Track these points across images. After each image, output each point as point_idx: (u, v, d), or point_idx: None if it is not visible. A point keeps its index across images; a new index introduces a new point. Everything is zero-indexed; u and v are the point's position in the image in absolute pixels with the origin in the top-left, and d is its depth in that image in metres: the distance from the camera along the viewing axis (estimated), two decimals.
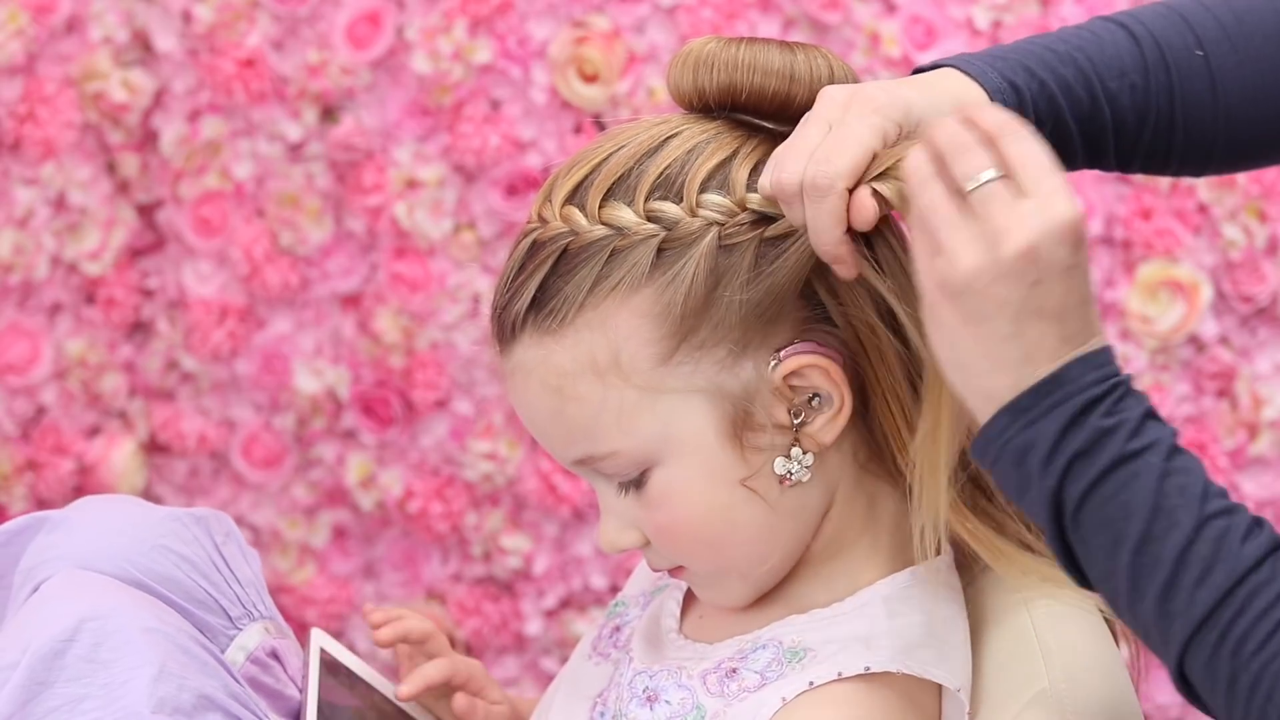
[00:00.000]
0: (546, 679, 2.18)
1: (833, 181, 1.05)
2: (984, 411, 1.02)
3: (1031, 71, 1.15)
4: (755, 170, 1.11)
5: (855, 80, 1.13)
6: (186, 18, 2.10)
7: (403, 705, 1.32)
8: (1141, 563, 0.98)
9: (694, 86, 1.13)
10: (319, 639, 1.28)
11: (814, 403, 1.11)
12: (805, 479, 1.12)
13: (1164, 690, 2.05)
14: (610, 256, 1.09)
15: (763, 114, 1.13)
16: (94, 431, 2.20)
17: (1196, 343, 2.07)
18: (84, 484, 2.18)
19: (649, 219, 1.10)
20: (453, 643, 1.38)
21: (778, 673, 1.12)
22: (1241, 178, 2.02)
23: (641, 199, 1.10)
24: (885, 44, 2.03)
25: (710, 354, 1.09)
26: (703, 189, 1.10)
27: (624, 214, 1.10)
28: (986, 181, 1.01)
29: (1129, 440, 0.99)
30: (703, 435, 1.10)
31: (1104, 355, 1.01)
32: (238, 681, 1.18)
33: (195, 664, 1.15)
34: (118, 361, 2.19)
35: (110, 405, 2.19)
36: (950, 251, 1.02)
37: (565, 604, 2.19)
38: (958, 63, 1.14)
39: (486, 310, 1.14)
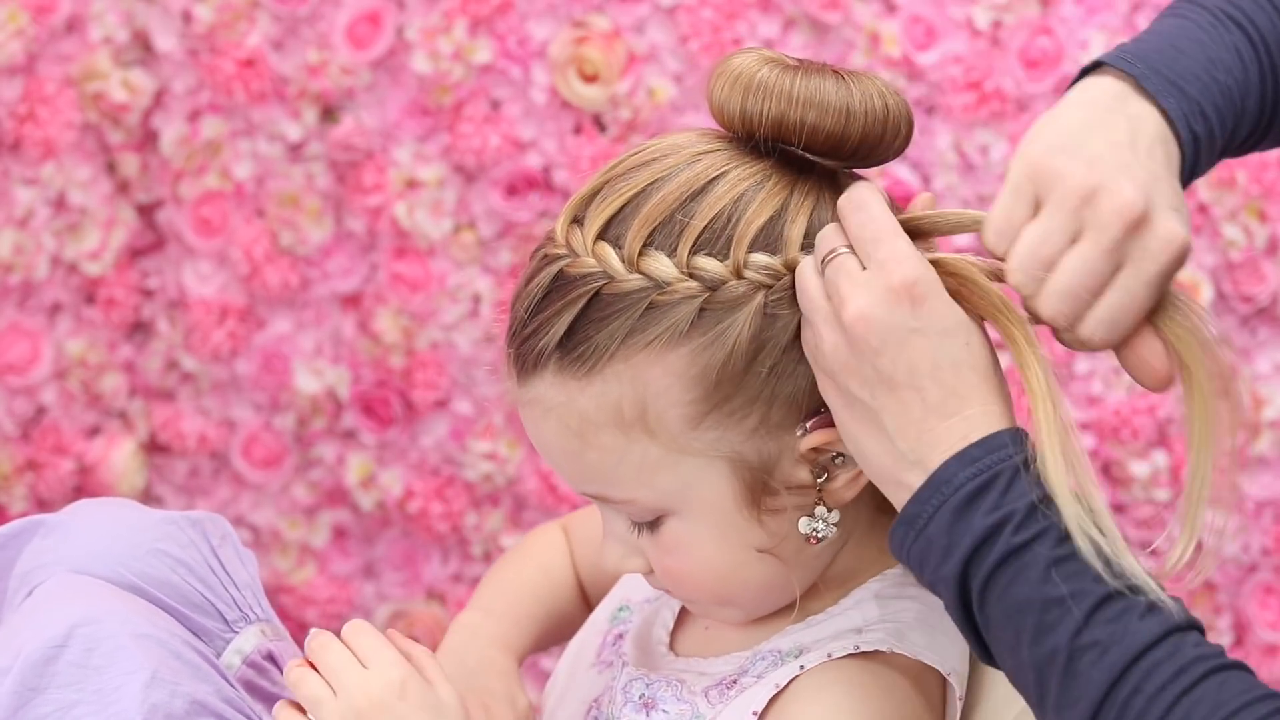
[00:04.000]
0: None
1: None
2: (897, 503, 1.01)
3: (1206, 117, 1.07)
4: (809, 227, 1.06)
5: (906, 111, 1.08)
6: (186, 18, 2.10)
7: None
8: (1040, 655, 0.95)
9: (741, 112, 1.07)
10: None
11: (838, 461, 1.08)
12: (833, 535, 1.10)
13: None
14: (648, 309, 1.04)
15: (814, 151, 1.07)
16: (94, 431, 2.20)
17: None
18: (84, 484, 2.18)
19: (691, 275, 1.05)
20: None
21: (773, 670, 1.11)
22: (1242, 178, 2.02)
23: (685, 251, 1.05)
24: (885, 44, 2.03)
25: (741, 423, 1.06)
26: (751, 247, 1.05)
27: (664, 267, 1.05)
28: (833, 256, 1.01)
29: (1015, 534, 0.96)
30: (722, 500, 1.08)
31: (985, 444, 0.98)
32: (232, 686, 1.18)
33: (188, 669, 1.15)
34: (118, 361, 2.18)
35: (110, 405, 2.19)
36: (816, 331, 1.02)
37: None
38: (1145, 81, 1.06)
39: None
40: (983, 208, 2.13)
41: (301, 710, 1.13)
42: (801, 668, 1.09)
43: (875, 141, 1.07)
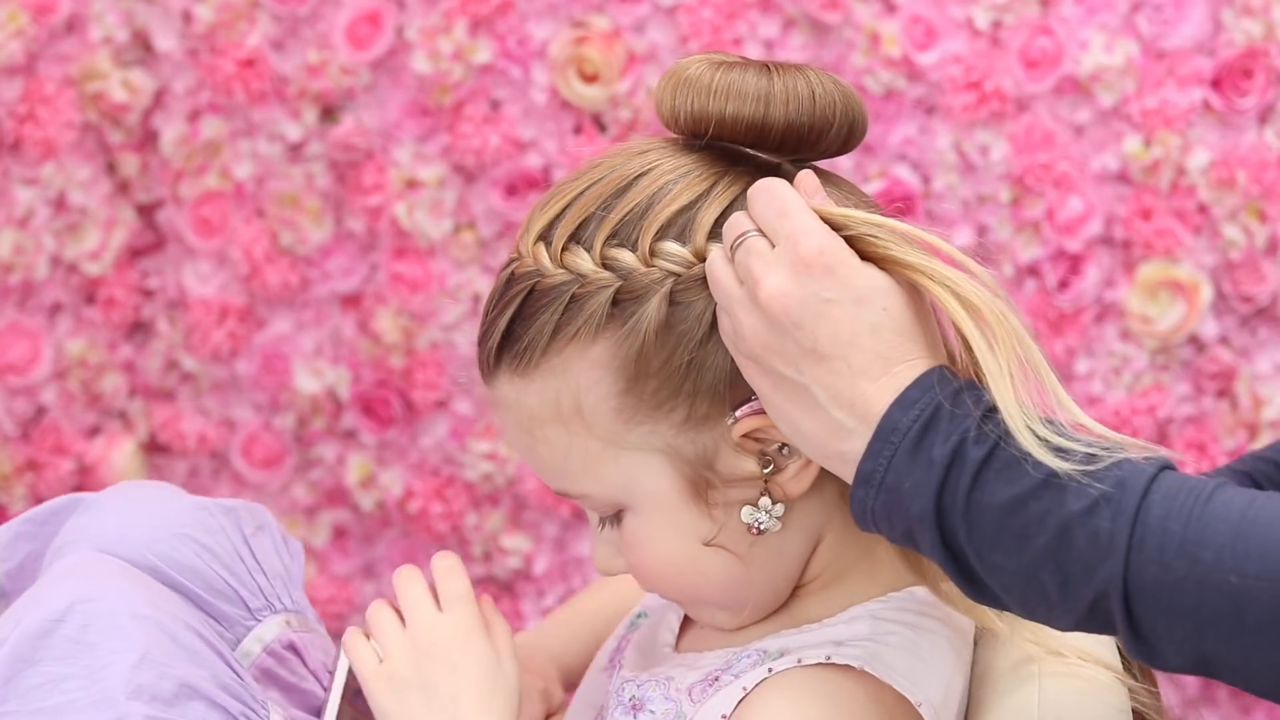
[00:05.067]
0: None
1: None
2: (846, 475, 1.01)
3: None
4: (723, 215, 1.07)
5: (843, 100, 1.08)
6: (186, 18, 2.10)
7: None
8: (1048, 541, 0.96)
9: (671, 109, 1.09)
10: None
11: (784, 451, 1.08)
12: (775, 529, 1.09)
13: None
14: (570, 303, 1.06)
15: (739, 141, 1.08)
16: (94, 431, 2.20)
17: (1196, 343, 2.07)
18: (84, 484, 2.18)
19: (605, 266, 1.06)
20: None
21: (750, 670, 1.11)
22: (1242, 178, 2.02)
23: (599, 244, 1.07)
24: (885, 44, 2.03)
25: (669, 416, 1.07)
26: (660, 235, 1.06)
27: (582, 259, 1.07)
28: (742, 239, 1.02)
29: (977, 446, 0.97)
30: (666, 494, 1.08)
31: (918, 385, 0.98)
32: (236, 673, 1.18)
33: (184, 653, 1.15)
34: (118, 361, 2.19)
35: (110, 405, 2.19)
36: (733, 317, 1.02)
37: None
38: None
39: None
40: (982, 207, 2.14)
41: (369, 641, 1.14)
42: (770, 670, 1.09)
43: (804, 131, 1.07)
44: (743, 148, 1.09)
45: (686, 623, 1.21)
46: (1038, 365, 1.01)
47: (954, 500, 0.97)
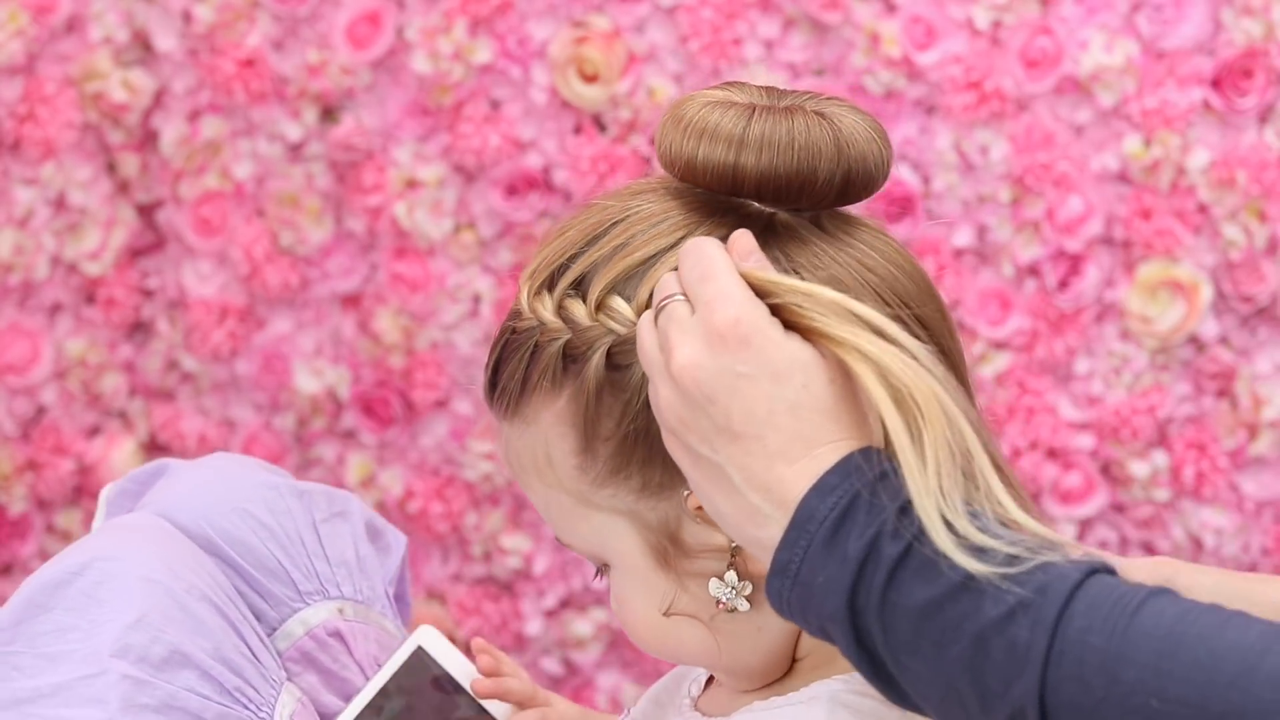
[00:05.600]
0: (546, 679, 2.18)
1: None
2: (766, 561, 0.94)
3: None
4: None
5: (830, 148, 0.98)
6: (186, 18, 2.10)
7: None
8: (963, 649, 0.88)
9: (659, 145, 1.01)
10: (423, 636, 1.27)
11: None
12: (743, 607, 1.02)
13: None
14: (534, 351, 1.01)
15: (714, 188, 1.00)
16: (94, 431, 2.20)
17: (1196, 343, 2.07)
18: (84, 484, 2.18)
19: (560, 316, 1.00)
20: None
21: None
22: (1242, 178, 2.02)
23: (559, 291, 1.00)
24: (885, 44, 2.03)
25: (626, 482, 1.00)
26: (610, 289, 0.99)
27: (545, 307, 1.01)
28: (666, 303, 0.94)
29: (892, 543, 0.89)
30: (634, 557, 1.02)
31: (839, 470, 0.90)
32: (249, 649, 1.18)
33: (190, 621, 1.16)
34: (118, 361, 2.19)
35: (110, 405, 2.19)
36: (653, 387, 0.95)
37: (565, 604, 2.19)
38: None
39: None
40: (982, 207, 2.14)
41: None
42: None
43: (782, 180, 0.98)
44: (723, 195, 1.01)
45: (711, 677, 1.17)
46: (973, 453, 0.91)
47: (868, 600, 0.89)
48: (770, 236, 0.99)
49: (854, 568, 0.89)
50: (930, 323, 1.02)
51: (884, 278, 1.00)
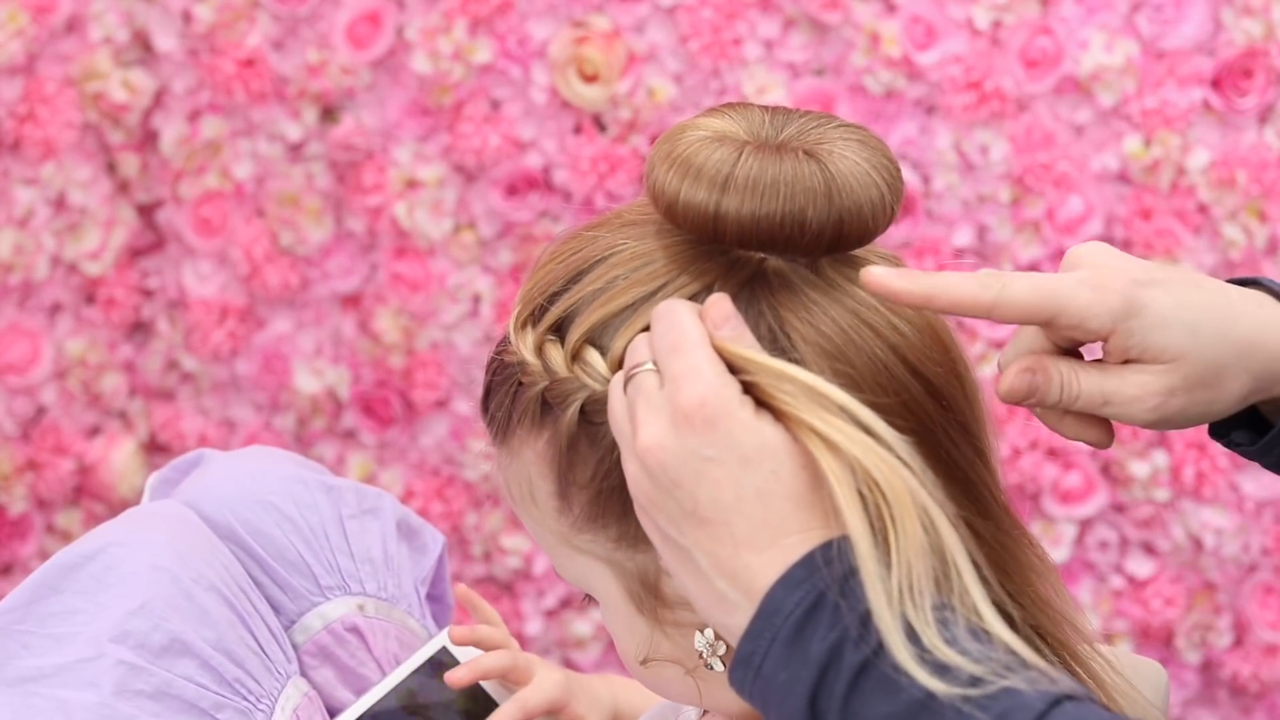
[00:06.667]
0: None
1: None
2: (734, 646, 0.89)
3: None
4: None
5: (822, 192, 0.91)
6: (186, 18, 2.10)
7: None
8: None
9: (647, 173, 0.94)
10: (445, 639, 1.27)
11: None
12: (718, 668, 0.96)
13: None
14: (517, 390, 0.97)
15: (695, 232, 0.93)
16: (94, 431, 2.20)
17: None
18: (84, 484, 2.18)
19: (540, 359, 0.95)
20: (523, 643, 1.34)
21: None
22: (1242, 178, 2.02)
23: (539, 333, 0.95)
24: (885, 44, 2.03)
25: (603, 531, 0.96)
26: (587, 338, 0.93)
27: (527, 345, 0.96)
28: (636, 372, 0.89)
29: (856, 649, 0.84)
30: (617, 600, 0.98)
31: (808, 563, 0.86)
32: (257, 642, 1.19)
33: (195, 611, 1.16)
34: (118, 361, 2.19)
35: (110, 405, 2.19)
36: (623, 460, 0.90)
37: (565, 604, 2.19)
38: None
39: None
40: (982, 207, 2.14)
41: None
42: None
43: (766, 229, 0.91)
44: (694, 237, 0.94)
45: None
46: (952, 554, 0.86)
47: (829, 705, 0.84)
48: (759, 285, 0.93)
49: (815, 672, 0.85)
50: (937, 380, 0.95)
51: (880, 331, 0.94)
